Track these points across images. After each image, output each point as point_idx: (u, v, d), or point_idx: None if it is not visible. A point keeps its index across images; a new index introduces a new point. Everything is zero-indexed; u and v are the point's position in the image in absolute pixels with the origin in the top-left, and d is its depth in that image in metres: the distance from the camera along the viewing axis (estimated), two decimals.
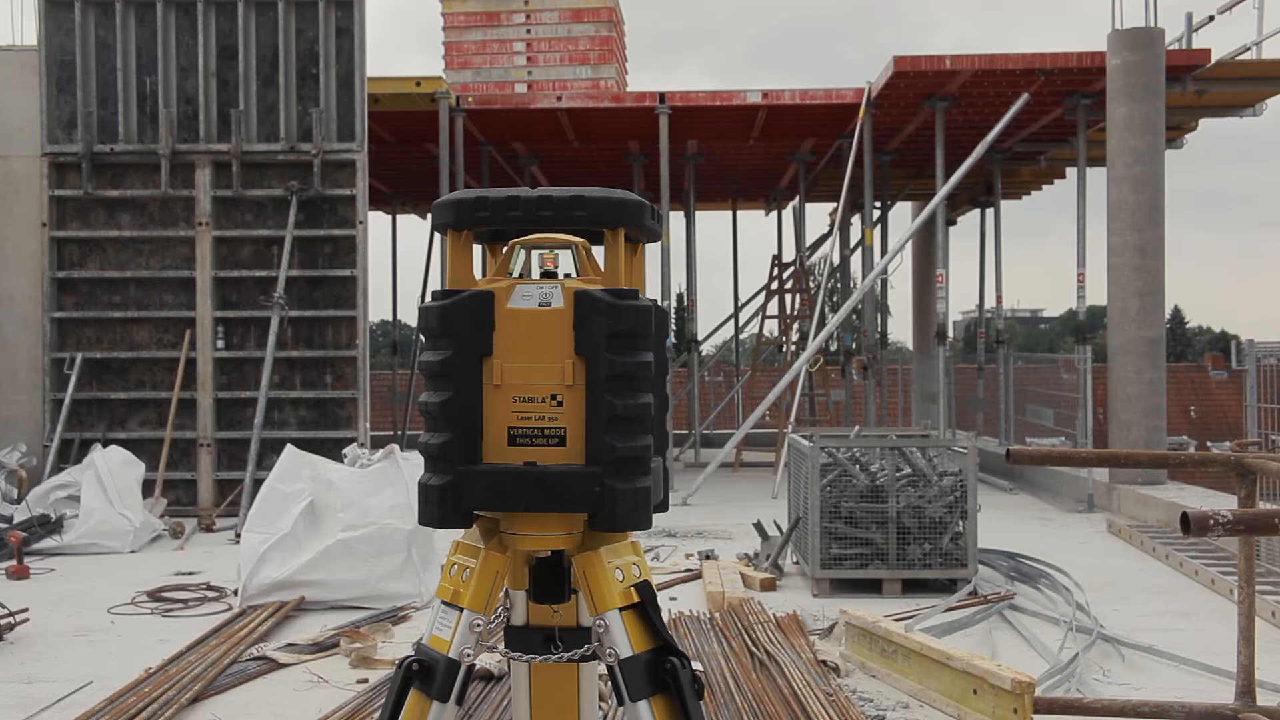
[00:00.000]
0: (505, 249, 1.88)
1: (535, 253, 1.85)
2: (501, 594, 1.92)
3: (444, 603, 1.83)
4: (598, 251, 1.88)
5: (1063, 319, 63.93)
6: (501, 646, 1.87)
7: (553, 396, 1.77)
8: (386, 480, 6.78)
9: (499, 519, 1.82)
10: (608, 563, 1.80)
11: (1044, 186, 17.83)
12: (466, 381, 1.77)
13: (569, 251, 1.84)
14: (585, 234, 1.86)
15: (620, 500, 1.74)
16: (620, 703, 1.77)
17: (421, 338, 13.92)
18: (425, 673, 1.76)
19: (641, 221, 1.81)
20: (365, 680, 5.02)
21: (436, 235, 16.61)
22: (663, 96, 12.65)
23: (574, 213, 1.78)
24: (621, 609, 1.78)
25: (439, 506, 1.76)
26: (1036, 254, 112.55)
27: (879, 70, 12.06)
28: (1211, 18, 12.42)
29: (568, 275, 1.85)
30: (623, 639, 1.76)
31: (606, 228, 1.82)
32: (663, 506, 1.81)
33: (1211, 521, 2.74)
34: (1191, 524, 2.73)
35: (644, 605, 1.78)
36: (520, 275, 1.84)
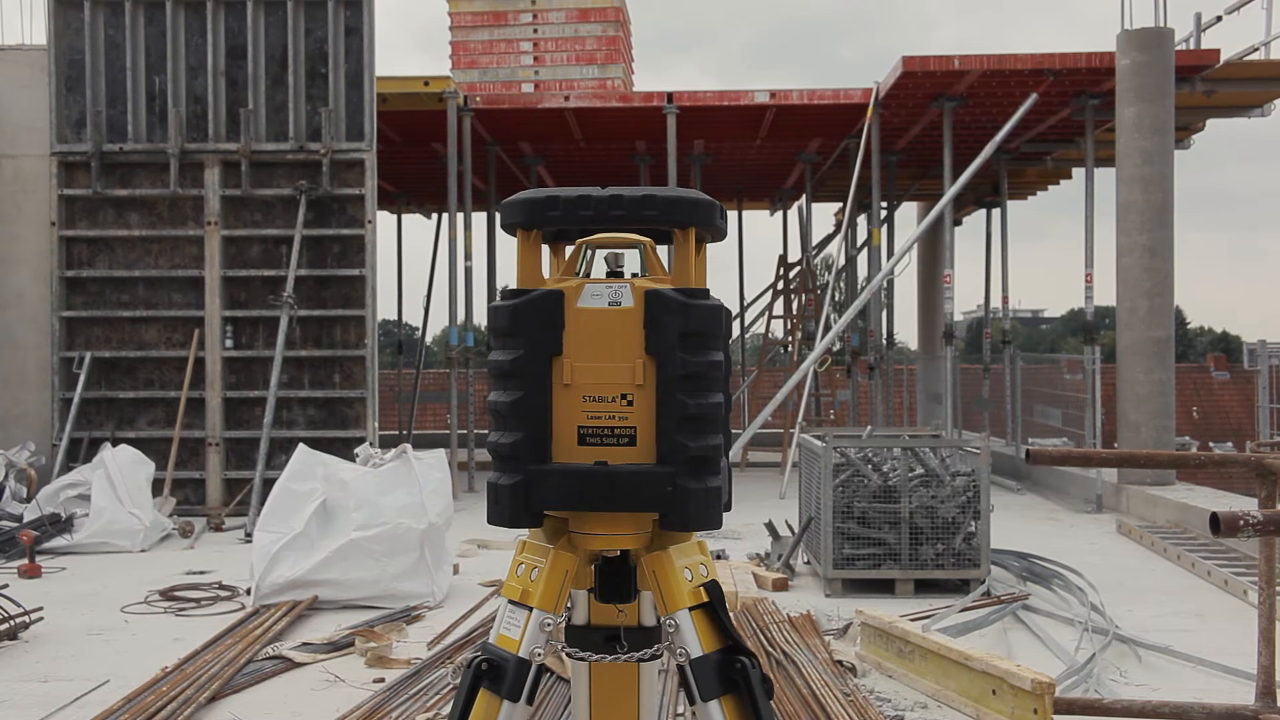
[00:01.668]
0: (573, 248, 1.88)
1: (600, 252, 1.85)
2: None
3: (511, 602, 1.82)
4: (652, 250, 1.87)
5: (1064, 319, 63.88)
6: (563, 645, 1.86)
7: (623, 396, 1.77)
8: (399, 480, 6.79)
9: (568, 518, 1.83)
10: (676, 562, 1.80)
11: (1049, 187, 17.82)
12: (537, 381, 1.77)
13: (633, 251, 1.84)
14: (650, 233, 1.86)
15: (692, 500, 1.74)
16: (691, 702, 1.78)
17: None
18: (495, 672, 1.76)
19: (712, 221, 1.82)
20: (381, 680, 5.02)
21: (442, 234, 16.54)
22: (670, 96, 12.64)
23: (645, 212, 1.78)
24: (691, 608, 1.78)
25: (510, 506, 1.76)
26: (1036, 254, 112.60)
27: (878, 69, 12.13)
28: (1219, 18, 12.42)
29: (635, 274, 1.85)
30: (693, 639, 1.76)
31: (678, 227, 1.81)
32: (727, 506, 1.81)
33: (1242, 522, 2.74)
34: (1222, 525, 2.73)
35: (713, 605, 1.79)
36: (586, 275, 1.84)
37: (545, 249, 1.89)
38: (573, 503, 1.77)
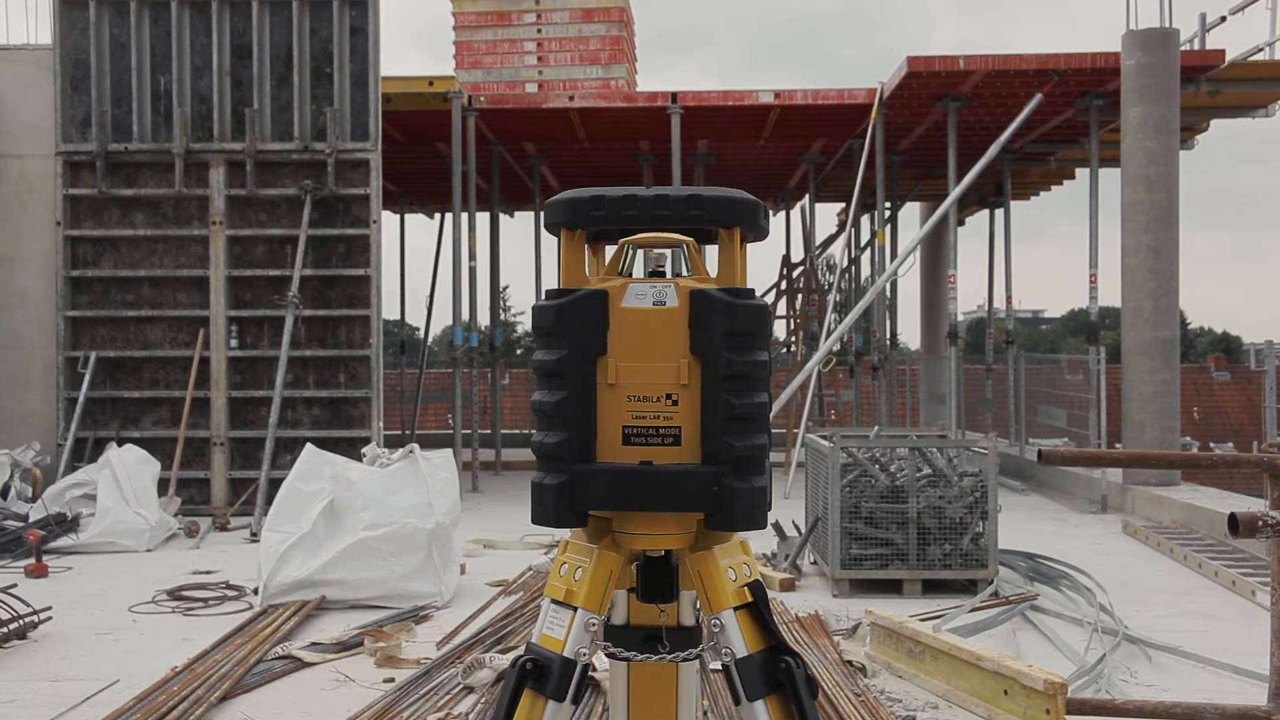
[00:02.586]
0: (612, 248, 1.88)
1: (641, 251, 1.84)
2: None
3: (554, 601, 1.82)
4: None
5: (1064, 319, 63.82)
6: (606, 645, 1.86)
7: (668, 395, 1.76)
8: (406, 479, 6.79)
9: (612, 518, 1.83)
10: (721, 562, 1.80)
11: (1053, 187, 17.82)
12: (582, 381, 1.77)
13: (673, 250, 1.84)
14: (691, 232, 1.86)
15: (739, 499, 1.74)
16: (736, 702, 1.78)
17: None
18: (539, 672, 1.76)
19: (757, 220, 1.82)
20: (391, 680, 5.02)
21: (445, 234, 16.51)
22: (675, 96, 12.64)
23: (691, 211, 1.78)
24: (735, 608, 1.78)
25: (555, 506, 1.76)
26: (1036, 254, 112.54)
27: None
28: (1223, 18, 12.43)
29: (678, 274, 1.85)
30: (738, 638, 1.76)
31: (723, 226, 1.81)
32: (768, 506, 1.81)
33: (1261, 523, 2.75)
34: (1241, 526, 2.74)
35: (757, 605, 1.79)
36: (628, 275, 1.84)
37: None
38: (618, 503, 1.77)
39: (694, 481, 1.74)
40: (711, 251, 1.92)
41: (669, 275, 1.83)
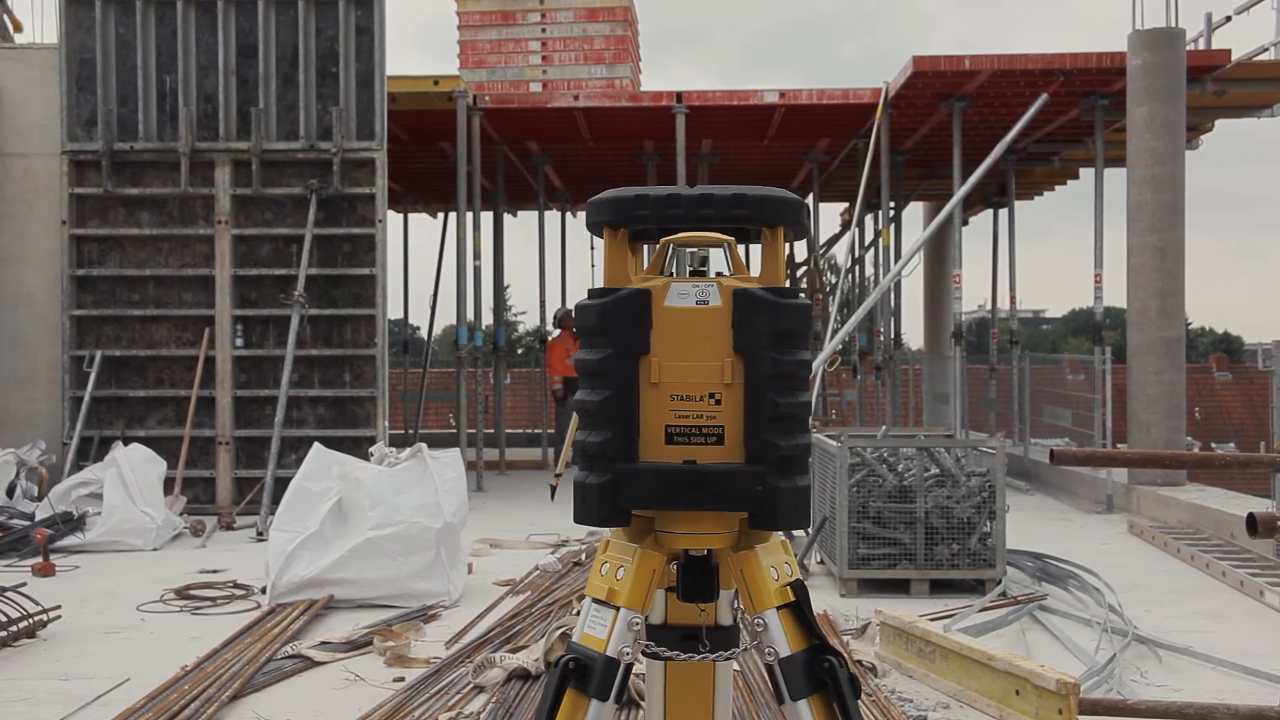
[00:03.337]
0: (648, 247, 1.88)
1: (674, 250, 1.84)
2: None
3: (596, 601, 1.82)
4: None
5: (1065, 319, 63.77)
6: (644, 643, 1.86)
7: (711, 395, 1.76)
8: (414, 479, 6.79)
9: (654, 517, 1.83)
10: (763, 561, 1.80)
11: (1056, 187, 17.82)
12: (625, 380, 1.77)
13: (712, 249, 1.84)
14: (730, 231, 1.86)
15: (783, 499, 1.74)
16: (779, 702, 1.78)
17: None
18: (582, 672, 1.76)
19: (800, 219, 1.82)
20: (401, 679, 5.02)
21: (449, 233, 16.49)
22: (680, 96, 12.65)
23: (735, 211, 1.78)
24: (778, 608, 1.78)
25: (599, 505, 1.76)
26: (1037, 254, 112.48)
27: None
28: (1229, 18, 12.42)
29: (719, 273, 1.85)
30: (781, 638, 1.76)
31: (767, 226, 1.81)
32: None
33: (1279, 523, 2.75)
34: (1259, 526, 2.74)
35: (799, 604, 1.79)
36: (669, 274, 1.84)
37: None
38: (662, 502, 1.77)
39: (738, 481, 1.75)
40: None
41: (710, 274, 1.83)
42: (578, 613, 5.74)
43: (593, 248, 20.42)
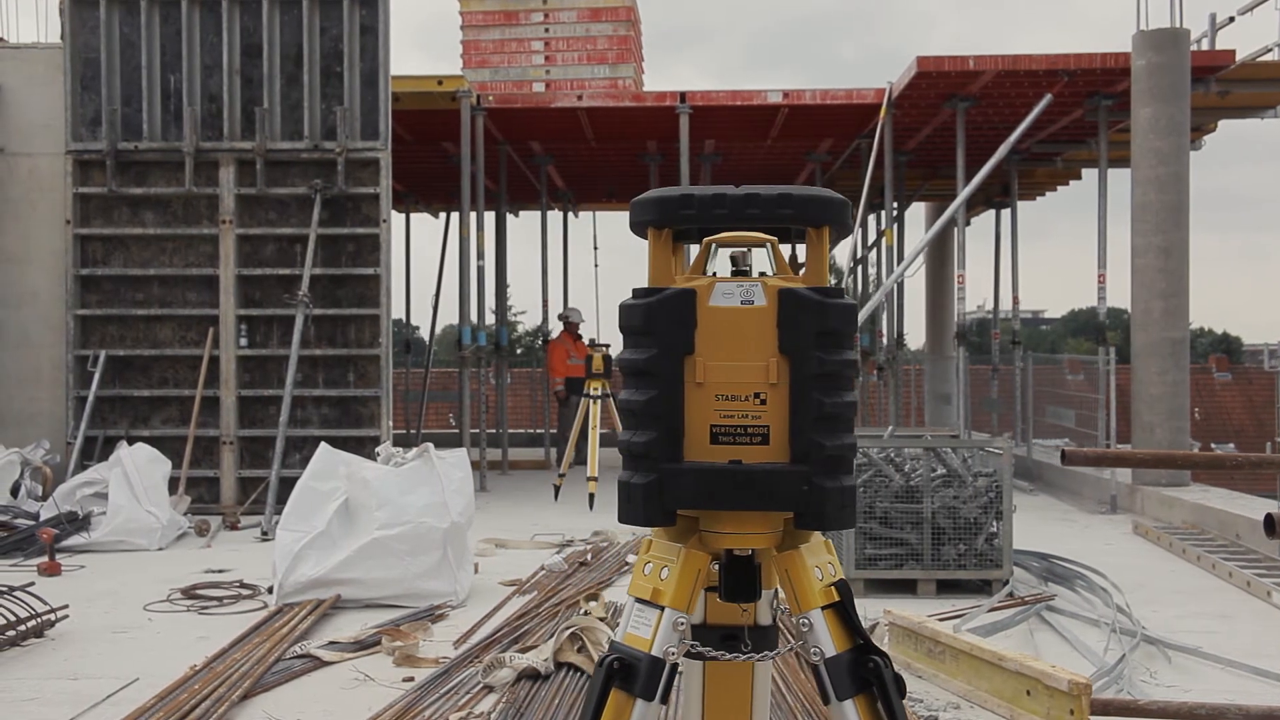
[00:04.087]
0: (700, 246, 1.88)
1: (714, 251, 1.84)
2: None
3: (639, 600, 1.82)
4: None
5: (1064, 320, 63.76)
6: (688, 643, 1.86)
7: (756, 394, 1.77)
8: (421, 479, 6.78)
9: (698, 517, 1.83)
10: (808, 561, 1.81)
11: (1058, 188, 17.82)
12: (670, 379, 1.77)
13: (754, 250, 1.84)
14: (773, 231, 1.87)
15: (829, 499, 1.74)
16: (825, 702, 1.78)
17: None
18: (627, 671, 1.76)
19: (845, 219, 1.83)
20: (411, 679, 5.02)
21: (451, 234, 16.48)
22: (683, 96, 12.65)
23: (782, 210, 1.79)
24: (823, 608, 1.79)
25: (644, 505, 1.76)
26: (1037, 255, 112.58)
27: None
28: (1232, 19, 12.42)
29: (762, 273, 1.85)
30: (826, 638, 1.76)
31: (813, 226, 1.82)
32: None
33: None
34: (1277, 526, 2.74)
35: (843, 604, 1.79)
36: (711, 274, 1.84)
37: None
38: (708, 502, 1.77)
39: (784, 480, 1.75)
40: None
41: (753, 274, 1.83)
42: (586, 613, 5.76)
43: (595, 248, 20.49)
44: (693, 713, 1.91)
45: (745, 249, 1.83)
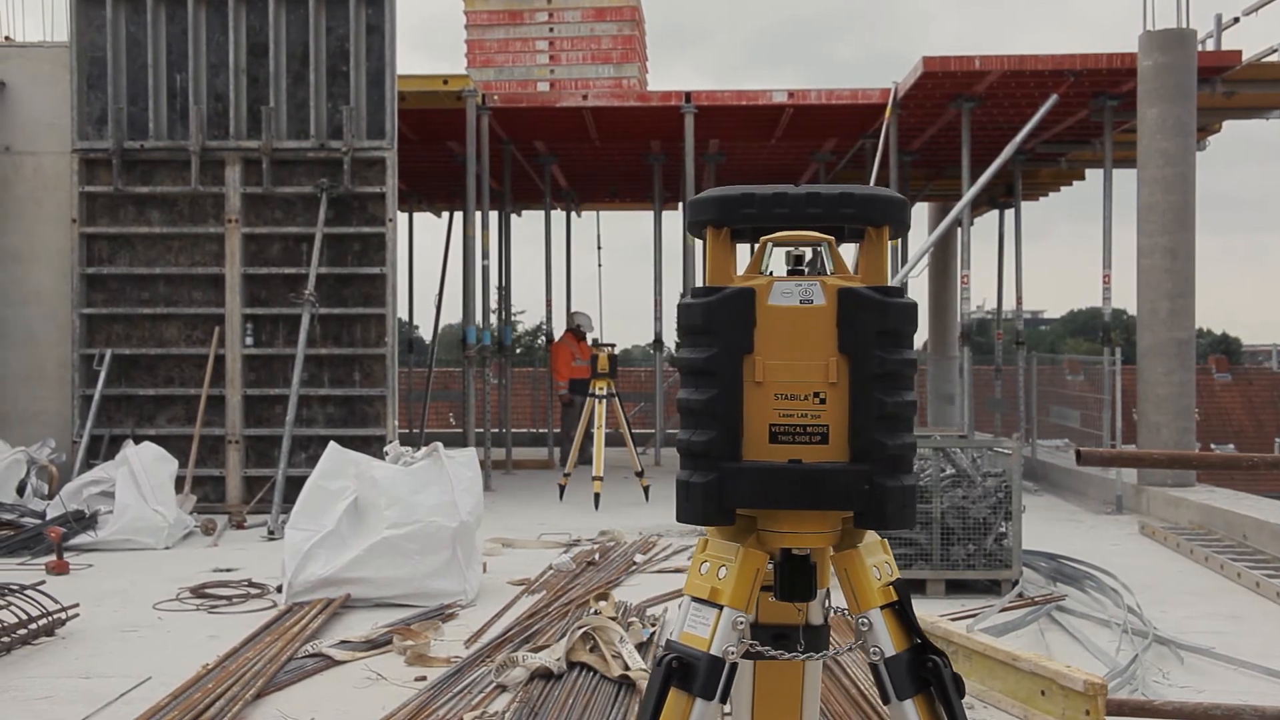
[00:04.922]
0: (758, 246, 1.87)
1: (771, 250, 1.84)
2: None
3: (696, 599, 1.82)
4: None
5: (1064, 320, 63.77)
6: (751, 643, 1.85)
7: (815, 394, 1.77)
8: (430, 478, 6.78)
9: (757, 516, 1.83)
10: (866, 561, 1.81)
11: (1062, 188, 17.82)
12: (730, 378, 1.77)
13: (807, 248, 1.83)
14: (830, 230, 1.86)
15: (889, 498, 1.74)
16: (885, 701, 1.78)
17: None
18: (685, 670, 1.76)
19: (904, 219, 1.83)
20: (423, 678, 5.02)
21: (454, 233, 16.46)
22: (689, 96, 12.65)
23: (843, 210, 1.79)
24: (882, 607, 1.79)
25: (704, 504, 1.76)
26: (1036, 255, 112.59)
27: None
28: (1237, 19, 12.43)
29: (819, 272, 1.85)
30: (885, 637, 1.76)
31: (872, 225, 1.82)
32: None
33: None
34: None
35: (901, 603, 1.79)
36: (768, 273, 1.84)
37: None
38: (767, 500, 1.77)
39: (845, 480, 1.75)
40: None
41: (808, 273, 1.83)
42: (596, 612, 5.76)
43: (599, 248, 20.50)
44: (742, 711, 1.91)
45: (803, 249, 1.83)
